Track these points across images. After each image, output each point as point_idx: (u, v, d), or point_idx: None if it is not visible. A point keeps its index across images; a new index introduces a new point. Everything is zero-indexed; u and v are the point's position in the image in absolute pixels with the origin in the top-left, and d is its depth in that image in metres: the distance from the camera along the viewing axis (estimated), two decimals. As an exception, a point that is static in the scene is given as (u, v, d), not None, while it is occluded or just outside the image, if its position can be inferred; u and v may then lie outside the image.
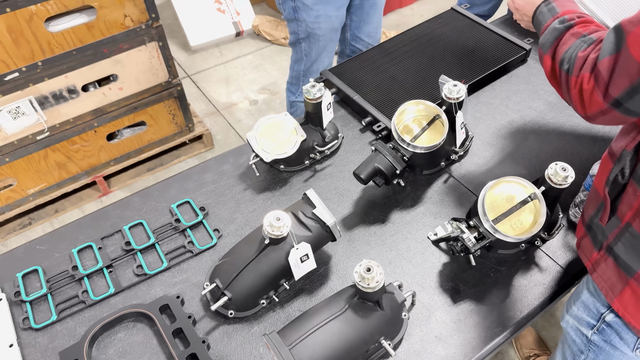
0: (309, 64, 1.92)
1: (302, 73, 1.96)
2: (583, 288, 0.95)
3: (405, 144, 1.13)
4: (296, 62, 1.97)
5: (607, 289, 0.85)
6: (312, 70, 1.96)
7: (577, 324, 0.96)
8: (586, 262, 0.91)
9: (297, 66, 1.98)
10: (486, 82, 1.49)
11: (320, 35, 1.83)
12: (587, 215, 0.92)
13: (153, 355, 0.96)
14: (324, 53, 1.92)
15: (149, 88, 2.09)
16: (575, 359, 1.00)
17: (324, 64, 1.95)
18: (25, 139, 1.93)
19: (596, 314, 0.90)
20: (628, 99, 0.69)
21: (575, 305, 0.96)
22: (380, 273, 0.83)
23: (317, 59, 1.93)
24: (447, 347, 0.96)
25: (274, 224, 0.93)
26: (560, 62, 0.82)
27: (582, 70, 0.76)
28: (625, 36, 0.67)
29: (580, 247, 0.95)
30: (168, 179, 1.28)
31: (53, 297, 1.04)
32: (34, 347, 0.97)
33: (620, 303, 0.83)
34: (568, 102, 0.83)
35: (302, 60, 1.93)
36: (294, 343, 0.80)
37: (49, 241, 1.15)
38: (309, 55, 1.92)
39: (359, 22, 2.02)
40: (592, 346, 0.94)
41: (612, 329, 0.88)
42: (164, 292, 1.04)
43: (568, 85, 0.80)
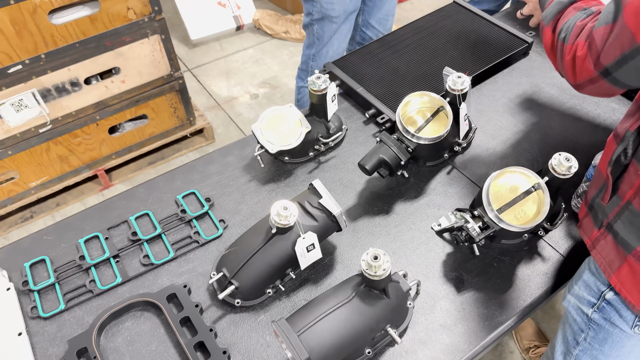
0: (320, 47, 1.93)
1: (311, 57, 1.97)
2: (585, 268, 0.97)
3: (409, 135, 1.14)
4: (308, 47, 1.99)
5: (606, 265, 0.87)
6: (322, 53, 1.96)
7: (578, 302, 0.98)
8: (586, 240, 0.93)
9: (308, 50, 1.99)
10: (488, 75, 1.50)
11: (334, 17, 1.84)
12: (590, 195, 0.94)
13: (161, 344, 0.97)
14: (335, 36, 1.93)
15: (151, 81, 2.09)
16: (576, 338, 1.02)
17: (334, 48, 1.96)
18: (28, 132, 1.93)
19: (597, 292, 0.92)
20: (617, 68, 0.72)
21: (576, 284, 0.98)
22: (387, 261, 0.84)
23: (329, 42, 1.94)
24: (452, 336, 0.97)
25: (281, 213, 0.94)
26: (558, 33, 0.84)
27: (577, 38, 0.79)
28: (622, 6, 0.70)
29: (581, 227, 0.97)
30: (173, 171, 1.29)
31: (61, 286, 1.04)
32: (42, 335, 0.98)
33: (617, 279, 0.85)
34: (561, 72, 0.86)
35: (313, 44, 1.94)
36: (302, 330, 0.81)
37: (55, 232, 1.15)
38: (321, 38, 1.93)
39: (372, 8, 2.03)
40: (592, 324, 0.96)
41: (611, 306, 0.90)
42: (171, 282, 1.05)
43: (562, 53, 0.82)
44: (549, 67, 1.53)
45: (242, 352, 0.95)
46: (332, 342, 0.83)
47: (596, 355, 1.00)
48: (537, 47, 1.59)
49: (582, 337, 0.99)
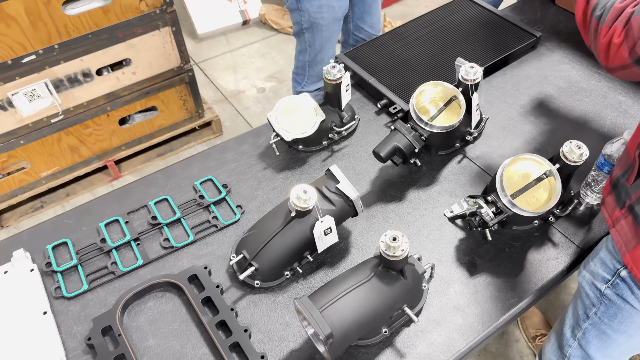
0: (313, 54, 1.95)
1: (307, 63, 1.99)
2: (602, 246, 1.00)
3: (423, 124, 1.17)
4: (300, 53, 2.00)
5: (622, 244, 0.90)
6: (316, 60, 1.99)
7: (593, 278, 1.01)
8: (607, 218, 0.96)
9: (301, 56, 2.01)
10: (497, 68, 1.53)
11: (324, 25, 1.86)
12: (615, 174, 0.96)
13: (182, 323, 0.99)
14: (327, 44, 1.95)
15: (161, 73, 2.12)
16: (587, 312, 1.05)
17: (328, 54, 1.98)
18: (40, 122, 1.95)
19: (612, 269, 0.95)
20: None
21: (592, 261, 1.01)
22: (405, 242, 0.87)
23: (321, 50, 1.96)
24: (466, 317, 1.00)
25: (300, 196, 0.97)
26: (593, 7, 0.84)
27: (615, 22, 0.78)
28: None
29: (604, 204, 0.99)
30: (190, 158, 1.31)
31: (83, 267, 1.07)
32: (66, 314, 1.01)
33: (631, 257, 0.88)
34: (592, 48, 0.86)
35: (306, 51, 1.96)
36: (324, 306, 0.84)
37: (75, 215, 1.18)
38: (313, 45, 1.95)
39: (361, 14, 2.04)
40: (604, 299, 0.99)
41: (625, 283, 0.93)
42: (191, 264, 1.08)
43: (597, 34, 0.82)
44: (557, 60, 1.55)
45: (262, 331, 0.98)
46: (353, 319, 0.85)
47: (604, 330, 1.03)
48: (545, 41, 1.62)
49: (593, 312, 1.03)
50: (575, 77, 1.50)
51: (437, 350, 0.95)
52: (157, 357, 0.94)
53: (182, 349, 0.95)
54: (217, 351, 0.94)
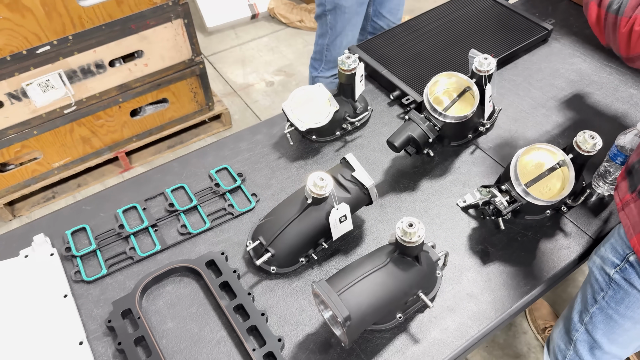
0: (333, 37, 1.96)
1: (325, 47, 2.00)
2: (614, 233, 1.01)
3: (437, 114, 1.18)
4: (320, 36, 2.01)
5: (630, 227, 0.92)
6: (335, 43, 1.99)
7: (602, 263, 1.02)
8: (617, 201, 0.98)
9: (321, 40, 2.02)
10: (509, 61, 1.54)
11: (346, 7, 1.87)
12: (631, 160, 0.98)
13: (201, 307, 1.01)
14: (348, 26, 1.96)
15: (172, 65, 2.13)
16: (595, 296, 1.07)
17: (347, 38, 1.99)
18: (53, 113, 1.97)
19: (622, 254, 0.97)
20: None
21: (603, 247, 1.03)
22: (421, 228, 0.88)
23: (342, 32, 1.97)
24: (479, 304, 1.02)
25: (317, 183, 0.98)
26: (608, 5, 0.86)
27: (635, 11, 0.80)
28: None
29: (617, 189, 1.01)
30: (205, 147, 1.33)
31: (102, 253, 1.09)
32: (86, 298, 1.03)
33: (638, 240, 0.89)
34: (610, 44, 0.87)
35: (326, 34, 1.97)
36: (341, 290, 0.86)
37: (93, 202, 1.20)
38: (334, 28, 1.96)
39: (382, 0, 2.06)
40: (612, 284, 1.01)
41: (633, 268, 0.95)
42: (208, 250, 1.09)
43: (616, 26, 0.84)
44: (568, 54, 1.56)
45: (279, 315, 1.00)
46: (370, 302, 0.87)
47: (611, 315, 1.05)
48: (557, 34, 1.62)
49: (601, 296, 1.05)
50: (587, 70, 1.51)
51: (450, 336, 0.97)
52: (176, 339, 0.96)
53: (200, 331, 0.97)
54: (234, 334, 0.96)
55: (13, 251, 1.09)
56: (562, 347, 1.23)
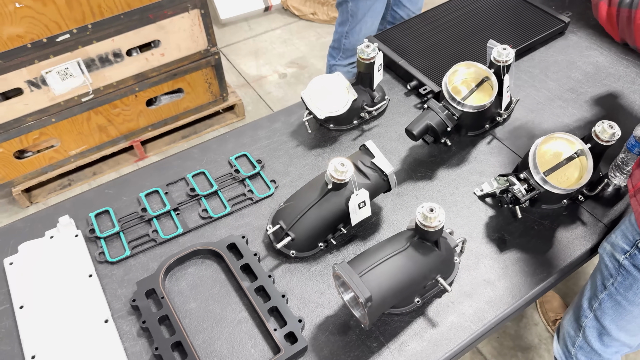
0: (353, 24, 1.97)
1: (344, 35, 2.01)
2: (625, 220, 1.03)
3: (455, 103, 1.19)
4: (340, 24, 2.02)
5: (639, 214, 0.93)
6: (355, 31, 2.00)
7: (613, 249, 1.04)
8: (630, 188, 0.99)
9: (340, 28, 2.03)
10: (525, 53, 1.55)
11: None
12: None
13: (222, 288, 1.03)
14: (369, 13, 1.96)
15: (188, 55, 2.15)
16: (605, 282, 1.08)
17: (367, 25, 1.99)
18: (71, 101, 2.00)
19: (632, 241, 0.99)
20: None
21: (614, 234, 1.04)
22: (442, 214, 0.89)
23: (362, 20, 1.98)
24: (496, 290, 1.03)
25: (338, 168, 1.00)
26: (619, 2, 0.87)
27: None
28: None
29: (631, 177, 1.02)
30: (224, 134, 1.35)
31: (125, 235, 1.11)
32: (110, 278, 1.05)
33: None
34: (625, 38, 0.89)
35: (347, 22, 1.98)
36: (363, 272, 0.87)
37: (115, 186, 1.22)
38: (355, 15, 1.96)
39: None
40: (621, 270, 1.03)
41: None
42: (229, 234, 1.12)
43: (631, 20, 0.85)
44: (585, 47, 1.56)
45: (298, 298, 1.02)
46: (390, 285, 0.88)
47: (619, 301, 1.06)
48: (573, 27, 1.62)
49: (610, 282, 1.06)
50: (604, 62, 1.51)
51: (468, 320, 0.99)
52: (199, 319, 0.98)
53: (222, 311, 0.99)
54: (255, 315, 0.98)
55: (39, 232, 1.12)
56: (571, 334, 1.25)
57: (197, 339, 0.95)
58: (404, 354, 0.94)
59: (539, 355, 1.75)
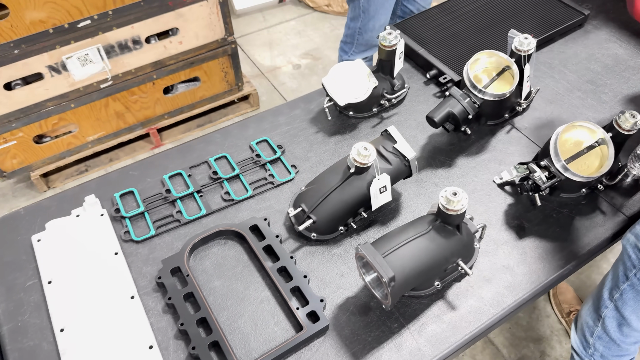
0: (366, 20, 1.97)
1: (357, 31, 2.01)
2: None
3: (476, 91, 1.20)
4: (352, 20, 2.02)
5: None
6: (368, 27, 2.01)
7: (637, 240, 1.05)
8: None
9: (353, 24, 2.03)
10: (545, 44, 1.55)
11: None
12: None
13: (245, 268, 1.05)
14: (381, 10, 1.97)
15: (206, 44, 2.17)
16: (627, 273, 1.09)
17: (380, 22, 2.00)
18: (90, 87, 2.02)
19: None
20: None
21: (638, 225, 1.04)
22: (465, 198, 0.91)
23: (375, 16, 1.98)
24: (514, 275, 1.04)
25: (361, 152, 1.01)
26: None
27: None
28: None
29: None
30: (245, 120, 1.36)
31: (150, 215, 1.13)
32: (135, 256, 1.07)
33: None
34: None
35: (358, 18, 1.98)
36: (386, 252, 0.89)
37: (139, 168, 1.24)
38: (367, 11, 1.97)
39: None
40: None
41: None
42: (250, 216, 1.13)
43: None
44: (604, 39, 1.56)
45: (319, 279, 1.04)
46: (413, 266, 0.90)
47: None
48: (593, 20, 1.62)
49: (633, 273, 1.07)
50: (623, 55, 1.51)
51: (487, 304, 1.00)
52: (223, 297, 1.00)
53: (245, 290, 1.01)
54: (278, 294, 1.00)
55: (65, 211, 1.14)
56: (590, 324, 1.26)
57: (221, 316, 0.97)
58: (424, 335, 0.96)
59: (550, 346, 1.76)
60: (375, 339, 0.95)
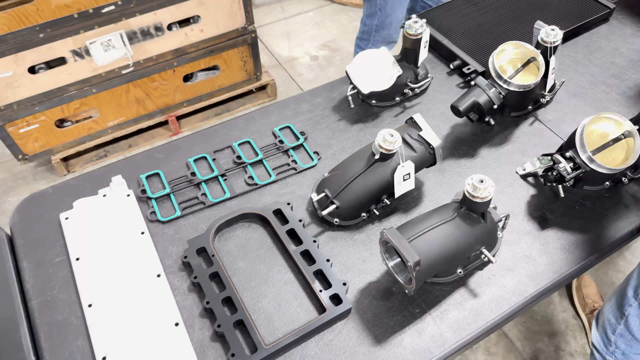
0: (383, 17, 1.97)
1: (374, 27, 2.01)
2: None
3: (502, 81, 1.19)
4: (369, 17, 2.02)
5: None
6: (385, 24, 2.00)
7: None
8: None
9: (369, 20, 2.02)
10: (569, 38, 1.54)
11: None
12: None
13: (269, 250, 1.06)
14: (398, 7, 1.97)
15: (226, 32, 2.18)
16: None
17: (397, 18, 2.00)
18: (112, 72, 2.05)
19: None
20: None
21: None
22: (491, 185, 0.91)
23: (392, 13, 1.98)
24: (536, 265, 1.04)
25: (387, 139, 1.02)
26: None
27: None
28: None
29: None
30: (268, 106, 1.37)
31: (175, 196, 1.15)
32: (161, 236, 1.09)
33: None
34: None
35: (375, 15, 1.98)
36: (411, 237, 0.90)
37: (164, 151, 1.26)
38: (384, 9, 1.96)
39: None
40: None
41: None
42: (274, 201, 1.15)
43: None
44: (629, 34, 1.55)
45: (341, 263, 1.05)
46: (438, 252, 0.91)
47: None
48: (618, 14, 1.61)
49: None
50: (649, 50, 1.50)
51: (508, 293, 1.00)
52: (246, 278, 1.02)
53: (268, 272, 1.03)
54: (301, 277, 1.01)
55: (91, 191, 1.16)
56: (612, 322, 1.25)
57: (245, 296, 0.99)
58: (446, 321, 0.97)
59: (565, 341, 1.76)
60: (397, 323, 0.96)
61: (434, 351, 0.93)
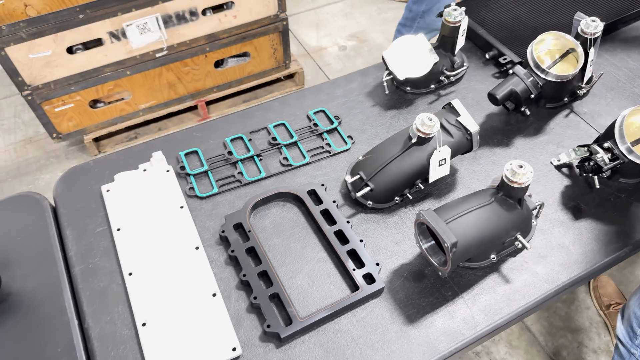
0: (431, 4, 1.96)
1: (420, 14, 2.01)
2: None
3: (540, 71, 1.19)
4: (415, 3, 2.02)
5: None
6: (433, 10, 1.99)
7: None
8: None
9: (416, 7, 2.02)
10: (607, 32, 1.52)
11: None
12: None
13: (302, 229, 1.08)
14: None
15: (259, 19, 2.20)
16: None
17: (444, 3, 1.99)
18: (146, 55, 2.08)
19: None
20: None
21: None
22: (530, 171, 0.91)
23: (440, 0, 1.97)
24: (569, 254, 1.05)
25: (426, 122, 1.03)
26: None
27: None
28: None
29: None
30: (303, 90, 1.39)
31: (213, 174, 1.18)
32: (199, 211, 1.12)
33: None
34: None
35: (423, 1, 1.97)
36: (449, 219, 0.91)
37: (202, 130, 1.29)
38: None
39: None
40: None
41: None
42: (308, 182, 1.16)
43: None
44: (670, 30, 1.53)
45: (374, 245, 1.06)
46: (474, 234, 0.92)
47: None
48: (659, 9, 1.58)
49: None
50: (690, 46, 1.48)
51: (541, 280, 1.01)
52: (281, 254, 1.04)
53: (302, 250, 1.05)
54: (334, 256, 1.03)
55: (131, 165, 1.19)
56: (638, 314, 1.25)
57: (280, 271, 1.01)
58: (478, 305, 0.97)
59: (589, 337, 1.75)
60: (429, 304, 0.98)
61: (466, 333, 0.94)
